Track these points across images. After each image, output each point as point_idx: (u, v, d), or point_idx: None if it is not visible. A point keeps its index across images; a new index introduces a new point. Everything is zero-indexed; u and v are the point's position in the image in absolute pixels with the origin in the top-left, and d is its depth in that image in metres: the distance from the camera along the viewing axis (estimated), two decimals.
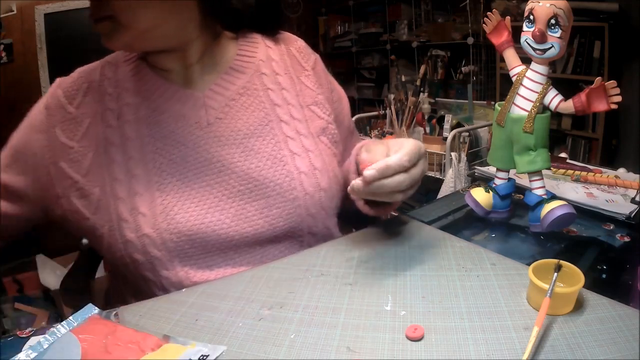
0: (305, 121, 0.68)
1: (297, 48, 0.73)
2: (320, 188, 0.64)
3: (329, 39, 3.88)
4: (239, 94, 0.65)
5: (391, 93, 2.38)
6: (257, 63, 0.68)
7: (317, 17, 3.90)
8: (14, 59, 2.44)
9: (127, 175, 0.59)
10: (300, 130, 0.66)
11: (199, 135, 0.62)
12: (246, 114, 0.64)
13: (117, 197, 0.58)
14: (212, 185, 0.61)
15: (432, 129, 1.79)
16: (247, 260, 0.62)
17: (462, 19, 2.81)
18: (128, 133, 0.61)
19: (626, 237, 0.63)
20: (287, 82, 0.69)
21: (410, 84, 2.06)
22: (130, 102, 0.62)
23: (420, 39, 3.06)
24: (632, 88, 2.15)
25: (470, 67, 2.69)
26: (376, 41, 3.47)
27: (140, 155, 0.60)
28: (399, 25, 3.26)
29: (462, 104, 2.07)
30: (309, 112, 0.69)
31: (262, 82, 0.67)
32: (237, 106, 0.64)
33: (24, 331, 0.46)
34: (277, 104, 0.67)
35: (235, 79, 0.66)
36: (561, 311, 0.44)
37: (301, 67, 0.72)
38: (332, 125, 0.71)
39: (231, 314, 0.47)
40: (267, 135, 0.64)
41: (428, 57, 2.94)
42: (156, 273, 0.58)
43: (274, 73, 0.69)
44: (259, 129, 0.64)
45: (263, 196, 0.62)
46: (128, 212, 0.57)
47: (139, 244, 0.57)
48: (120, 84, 0.63)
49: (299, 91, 0.70)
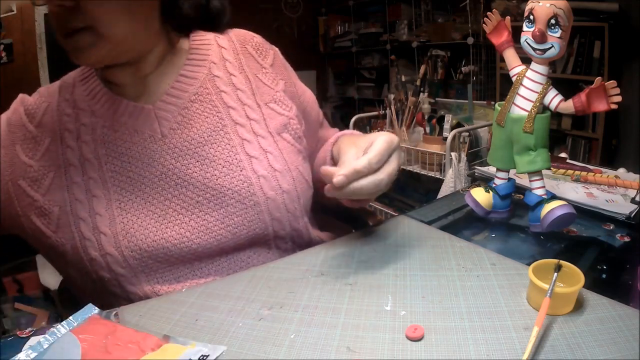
0: (263, 120, 0.66)
1: (253, 45, 0.71)
2: (283, 190, 0.62)
3: (329, 39, 3.89)
4: (191, 102, 0.63)
5: (391, 93, 2.38)
6: (209, 66, 0.66)
7: (317, 17, 3.90)
8: (14, 59, 2.45)
9: (88, 196, 0.59)
10: (258, 131, 0.64)
11: (153, 150, 0.61)
12: (199, 121, 0.62)
13: (79, 217, 0.58)
14: (170, 199, 0.60)
15: (432, 129, 1.79)
16: (214, 270, 0.61)
17: (462, 19, 2.81)
18: (86, 154, 0.60)
19: (626, 237, 0.63)
20: (242, 82, 0.67)
21: (410, 84, 2.06)
22: (86, 123, 0.61)
23: (420, 39, 3.06)
24: (632, 88, 2.15)
25: (470, 67, 2.69)
26: (376, 41, 3.47)
27: (99, 174, 0.60)
28: (399, 25, 3.27)
29: (462, 104, 2.07)
30: (267, 110, 0.67)
31: (215, 85, 0.65)
32: (190, 114, 0.62)
33: (24, 331, 0.46)
34: (232, 106, 0.64)
35: (186, 86, 0.63)
36: (561, 311, 0.44)
37: (258, 64, 0.70)
38: (294, 120, 0.68)
39: (231, 314, 0.47)
40: (222, 141, 0.62)
41: (428, 57, 2.94)
42: (123, 289, 0.58)
43: (228, 74, 0.67)
44: (213, 135, 0.62)
45: (222, 205, 0.60)
46: (90, 231, 0.57)
47: (103, 262, 0.57)
48: (77, 104, 0.63)
49: (256, 89, 0.67)
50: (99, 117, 0.61)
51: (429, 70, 2.79)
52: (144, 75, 0.62)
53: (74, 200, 0.59)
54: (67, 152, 0.60)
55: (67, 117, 0.62)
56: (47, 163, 0.60)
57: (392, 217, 0.74)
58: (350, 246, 0.61)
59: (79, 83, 0.64)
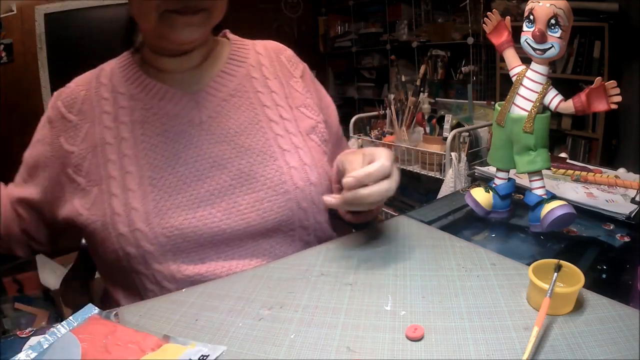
0: (294, 121, 0.70)
1: (286, 57, 0.77)
2: (311, 182, 0.65)
3: (329, 39, 3.88)
4: (230, 95, 0.68)
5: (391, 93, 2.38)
6: (248, 68, 0.71)
7: (317, 17, 3.90)
8: (14, 59, 2.44)
9: (121, 172, 0.61)
10: (289, 129, 0.69)
11: (191, 133, 0.64)
12: (237, 114, 0.67)
13: (112, 193, 0.60)
14: (203, 180, 0.62)
15: (432, 129, 1.79)
16: (238, 254, 0.63)
17: (462, 19, 2.81)
18: (123, 133, 0.63)
19: (626, 237, 0.63)
20: (276, 86, 0.72)
21: (410, 84, 2.06)
22: (125, 105, 0.65)
23: (420, 39, 3.06)
24: (632, 88, 2.15)
25: (470, 67, 2.69)
26: (376, 41, 3.47)
27: (134, 152, 0.62)
28: (399, 25, 3.26)
29: (462, 104, 2.07)
30: (298, 112, 0.72)
31: (252, 85, 0.70)
32: (229, 106, 0.67)
33: (24, 331, 0.46)
34: (267, 105, 0.69)
35: (227, 81, 0.69)
36: (561, 311, 0.44)
37: (290, 73, 0.75)
38: (321, 124, 0.73)
39: (231, 314, 0.47)
40: (257, 133, 0.66)
41: (428, 57, 2.94)
42: (148, 266, 0.59)
43: (264, 77, 0.72)
44: (249, 127, 0.66)
45: (254, 190, 0.63)
46: (121, 207, 0.59)
47: (132, 238, 0.58)
48: (116, 89, 0.66)
49: (288, 94, 0.73)
50: (138, 101, 0.65)
51: (429, 70, 2.79)
52: (191, 66, 0.67)
53: (108, 177, 0.61)
54: (104, 132, 0.64)
55: (105, 100, 0.65)
56: (86, 145, 0.63)
57: (392, 217, 0.74)
58: (350, 246, 0.61)
59: (118, 70, 0.68)
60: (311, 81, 0.79)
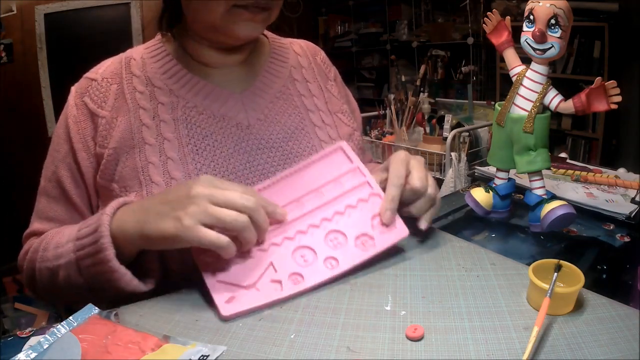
0: (335, 127, 0.70)
1: (321, 58, 0.76)
2: None
3: (329, 39, 3.88)
4: (276, 98, 0.66)
5: (391, 93, 2.38)
6: (290, 69, 0.70)
7: (317, 17, 3.90)
8: (14, 59, 2.45)
9: (165, 178, 0.57)
10: (332, 135, 0.68)
11: (240, 137, 0.61)
12: (283, 117, 0.65)
13: None
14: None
15: (432, 129, 1.79)
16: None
17: (462, 19, 2.82)
18: (165, 133, 0.59)
19: (626, 237, 0.63)
20: (316, 90, 0.71)
21: (410, 84, 2.05)
22: (164, 102, 0.60)
23: (420, 39, 3.06)
24: (632, 88, 2.15)
25: (470, 67, 2.69)
26: (376, 41, 3.47)
27: (179, 155, 0.58)
28: (399, 25, 3.27)
29: (462, 104, 2.06)
30: (336, 118, 0.71)
31: (295, 87, 0.69)
32: (276, 109, 0.65)
33: (24, 331, 0.46)
34: (310, 109, 0.68)
35: (271, 82, 0.67)
36: (561, 311, 0.44)
37: (326, 76, 0.74)
38: (357, 132, 0.73)
39: None
40: (304, 139, 0.65)
41: (428, 57, 2.94)
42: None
43: (305, 80, 0.71)
44: (296, 132, 0.65)
45: None
46: None
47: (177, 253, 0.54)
48: (151, 81, 0.61)
49: (327, 99, 0.72)
50: (180, 98, 0.61)
51: (429, 70, 2.79)
52: (235, 62, 0.65)
53: (150, 182, 0.57)
54: (143, 131, 0.58)
55: (141, 94, 0.60)
56: (119, 146, 0.58)
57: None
58: None
59: (150, 61, 0.63)
60: (342, 85, 0.78)
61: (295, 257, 0.52)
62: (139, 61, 0.63)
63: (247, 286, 0.49)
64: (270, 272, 0.50)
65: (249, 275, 0.50)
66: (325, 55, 0.78)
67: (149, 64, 0.63)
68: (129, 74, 0.62)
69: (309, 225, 0.54)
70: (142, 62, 0.63)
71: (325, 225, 0.54)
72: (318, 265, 0.51)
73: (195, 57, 0.63)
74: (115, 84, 0.61)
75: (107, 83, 0.61)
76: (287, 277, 0.50)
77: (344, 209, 0.55)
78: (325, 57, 0.78)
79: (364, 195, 0.56)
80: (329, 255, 0.52)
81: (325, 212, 0.55)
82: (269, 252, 0.52)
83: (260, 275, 0.50)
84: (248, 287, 0.49)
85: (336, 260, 0.51)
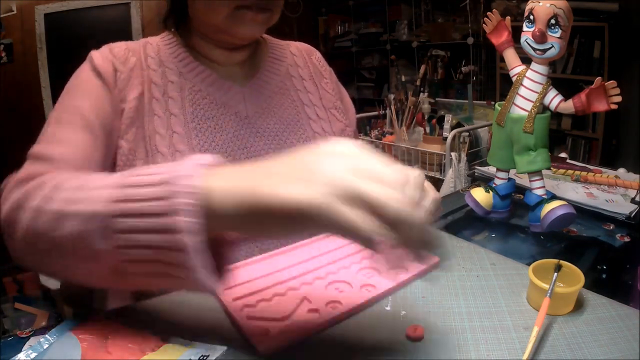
0: (328, 121, 0.74)
1: (316, 58, 0.80)
2: None
3: (329, 39, 3.88)
4: (274, 93, 0.71)
5: (391, 93, 2.38)
6: (287, 67, 0.75)
7: (317, 17, 3.90)
8: (14, 59, 2.44)
9: (171, 150, 0.60)
10: (326, 129, 0.72)
11: (238, 125, 0.65)
12: (280, 111, 0.70)
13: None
14: None
15: (432, 129, 1.79)
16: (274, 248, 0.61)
17: (462, 19, 2.82)
18: (172, 109, 0.62)
19: (626, 237, 0.63)
20: (311, 87, 0.76)
21: (410, 84, 2.05)
22: (174, 81, 0.64)
23: (420, 39, 3.06)
24: (632, 88, 2.15)
25: (470, 67, 2.69)
26: (376, 41, 3.47)
27: (185, 130, 0.61)
28: (399, 25, 3.26)
29: (462, 104, 2.06)
30: (330, 114, 0.75)
31: (292, 83, 0.74)
32: (273, 103, 0.70)
33: (24, 331, 0.46)
34: (306, 104, 0.73)
35: (270, 79, 0.71)
36: (561, 311, 0.44)
37: (321, 75, 0.79)
38: (350, 128, 0.77)
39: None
40: (298, 131, 0.70)
41: (428, 57, 2.94)
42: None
43: (301, 77, 0.75)
44: (291, 125, 0.69)
45: None
46: None
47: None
48: (164, 63, 0.65)
49: (322, 95, 0.76)
50: (187, 80, 0.65)
51: (429, 70, 2.79)
52: (238, 61, 0.69)
53: (155, 152, 0.59)
54: (153, 103, 0.62)
55: (154, 71, 0.64)
56: (133, 107, 0.60)
57: None
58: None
59: (164, 47, 0.67)
60: (337, 85, 0.82)
61: (329, 290, 0.50)
62: (154, 45, 0.68)
63: (282, 318, 0.45)
64: (305, 305, 0.47)
65: (282, 310, 0.46)
66: (320, 55, 0.82)
67: (163, 49, 0.67)
68: (145, 53, 0.66)
69: (340, 268, 0.54)
70: (157, 47, 0.67)
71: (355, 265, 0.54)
72: (354, 291, 0.49)
73: (202, 53, 0.68)
74: (134, 57, 0.65)
75: (128, 53, 0.65)
76: (325, 305, 0.47)
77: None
78: (321, 56, 0.82)
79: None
80: (364, 283, 0.50)
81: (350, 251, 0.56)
82: (301, 289, 0.50)
83: (295, 308, 0.47)
84: (283, 319, 0.45)
85: (373, 287, 0.49)
